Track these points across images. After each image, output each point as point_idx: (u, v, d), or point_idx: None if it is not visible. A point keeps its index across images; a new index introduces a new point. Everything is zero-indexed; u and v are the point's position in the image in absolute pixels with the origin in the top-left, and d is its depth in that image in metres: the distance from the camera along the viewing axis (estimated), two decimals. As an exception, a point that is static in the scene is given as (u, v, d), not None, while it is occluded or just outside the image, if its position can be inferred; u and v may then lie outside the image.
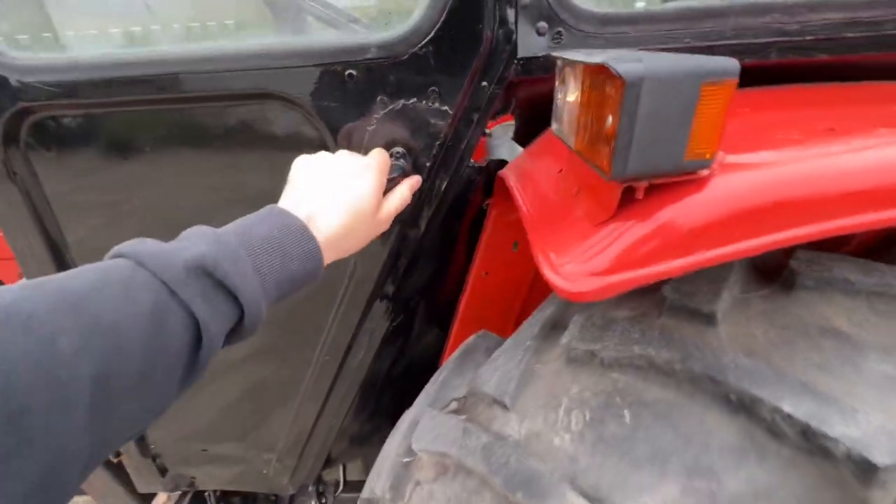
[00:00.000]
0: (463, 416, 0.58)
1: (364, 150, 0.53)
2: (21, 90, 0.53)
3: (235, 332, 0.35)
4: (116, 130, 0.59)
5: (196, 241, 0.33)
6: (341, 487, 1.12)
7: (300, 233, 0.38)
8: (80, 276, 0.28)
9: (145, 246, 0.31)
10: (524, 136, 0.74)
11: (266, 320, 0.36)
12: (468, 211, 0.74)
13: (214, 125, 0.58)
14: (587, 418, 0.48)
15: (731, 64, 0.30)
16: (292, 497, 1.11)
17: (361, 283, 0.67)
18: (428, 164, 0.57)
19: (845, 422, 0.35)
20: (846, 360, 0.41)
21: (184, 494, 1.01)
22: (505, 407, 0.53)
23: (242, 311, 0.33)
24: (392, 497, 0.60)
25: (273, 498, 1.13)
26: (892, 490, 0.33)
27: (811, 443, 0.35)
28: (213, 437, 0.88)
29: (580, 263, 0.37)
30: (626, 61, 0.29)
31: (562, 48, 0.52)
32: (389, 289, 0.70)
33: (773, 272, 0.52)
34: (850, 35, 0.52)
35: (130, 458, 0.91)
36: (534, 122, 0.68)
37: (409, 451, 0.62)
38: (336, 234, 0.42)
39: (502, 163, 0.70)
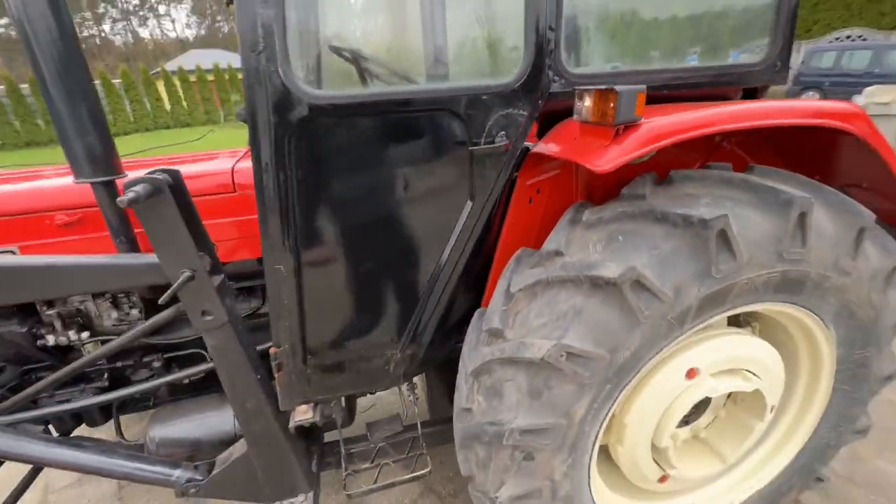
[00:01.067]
0: (539, 267, 1.11)
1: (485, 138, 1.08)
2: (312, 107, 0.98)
3: None
4: (375, 133, 1.06)
5: None
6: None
7: None
8: None
9: None
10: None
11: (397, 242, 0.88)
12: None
13: (419, 126, 1.07)
14: (602, 246, 1.05)
15: (642, 88, 0.91)
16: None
17: (468, 225, 1.19)
18: (514, 143, 1.13)
19: (699, 213, 0.96)
20: (696, 200, 1.03)
21: (316, 405, 1.38)
22: (561, 254, 1.08)
23: None
24: (502, 325, 1.10)
25: None
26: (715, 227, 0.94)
27: (691, 224, 0.96)
28: (350, 343, 1.29)
29: (601, 158, 0.94)
30: (623, 87, 0.89)
31: (562, 87, 1.12)
32: (477, 223, 1.21)
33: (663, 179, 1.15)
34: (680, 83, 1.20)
35: (285, 374, 1.27)
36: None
37: (508, 296, 1.14)
38: None
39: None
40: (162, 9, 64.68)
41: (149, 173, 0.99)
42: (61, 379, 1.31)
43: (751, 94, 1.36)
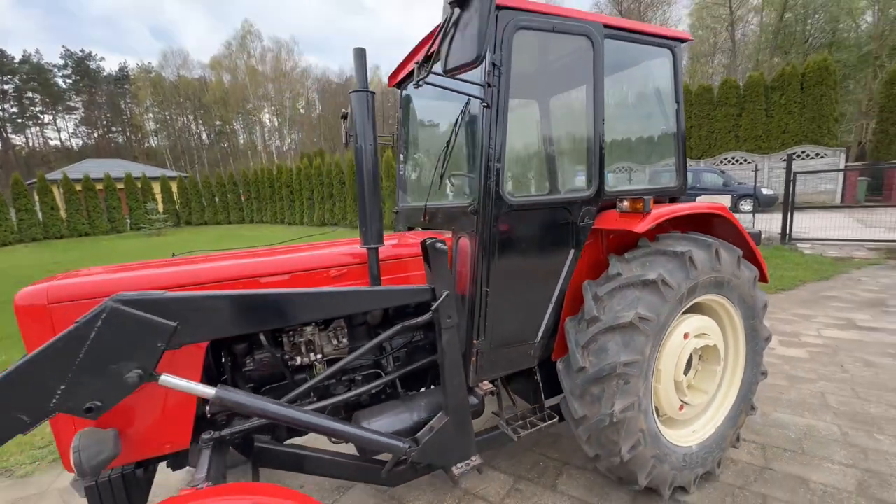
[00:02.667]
0: (611, 282, 2.16)
1: (580, 220, 2.19)
2: (509, 204, 1.98)
3: None
4: (534, 217, 2.09)
5: None
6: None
7: None
8: None
9: None
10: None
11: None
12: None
13: (552, 213, 2.13)
14: (640, 268, 2.15)
15: (650, 197, 2.13)
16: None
17: (570, 265, 2.23)
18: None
19: (679, 249, 2.14)
20: (674, 244, 2.23)
21: (493, 381, 2.14)
22: (620, 274, 2.15)
23: None
24: (598, 313, 2.10)
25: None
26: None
27: (677, 255, 2.13)
28: (514, 338, 2.15)
29: (639, 226, 2.08)
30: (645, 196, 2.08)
31: (605, 198, 2.32)
32: (572, 263, 2.26)
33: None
34: None
35: (479, 358, 2.07)
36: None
37: (597, 299, 2.14)
38: None
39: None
40: (47, 118, 61.37)
41: (429, 240, 1.88)
42: (315, 385, 1.91)
43: (672, 200, 2.72)
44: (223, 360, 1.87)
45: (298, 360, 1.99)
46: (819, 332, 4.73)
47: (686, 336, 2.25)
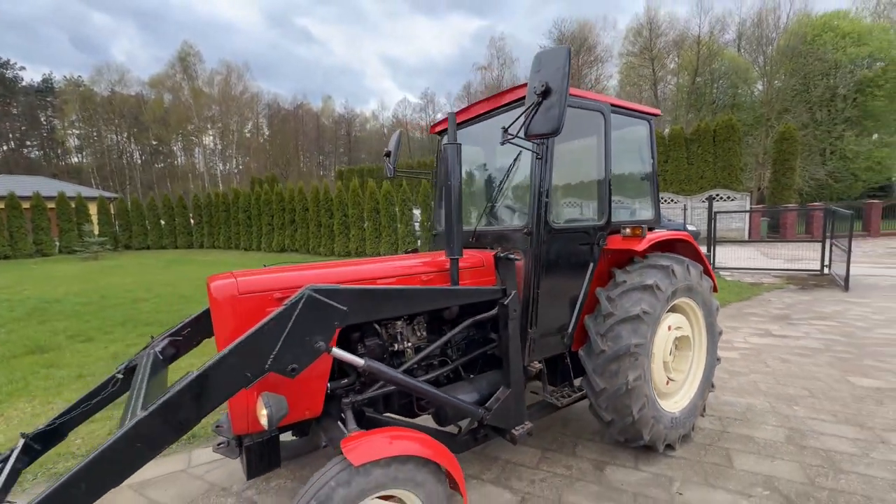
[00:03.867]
0: (618, 287, 2.92)
1: (597, 241, 2.97)
2: (552, 229, 2.72)
3: None
4: (567, 237, 2.84)
5: None
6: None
7: None
8: None
9: None
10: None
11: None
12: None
13: (579, 235, 2.90)
14: (639, 277, 2.94)
15: (646, 227, 2.97)
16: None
17: (591, 273, 2.99)
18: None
19: (664, 264, 2.98)
20: (660, 259, 3.08)
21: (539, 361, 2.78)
22: (625, 282, 2.93)
23: None
24: (612, 310, 2.85)
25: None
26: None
27: (663, 267, 2.97)
28: (554, 327, 2.83)
29: (639, 246, 2.90)
30: (643, 226, 2.91)
31: (612, 226, 3.13)
32: (593, 272, 3.02)
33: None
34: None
35: (532, 342, 2.71)
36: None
37: (609, 300, 2.89)
38: None
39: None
40: (-53, 128, 54.68)
41: (501, 254, 2.54)
42: (412, 365, 2.45)
43: (650, 229, 3.60)
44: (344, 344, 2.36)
45: (395, 346, 2.51)
46: (745, 339, 5.89)
47: (669, 328, 3.06)
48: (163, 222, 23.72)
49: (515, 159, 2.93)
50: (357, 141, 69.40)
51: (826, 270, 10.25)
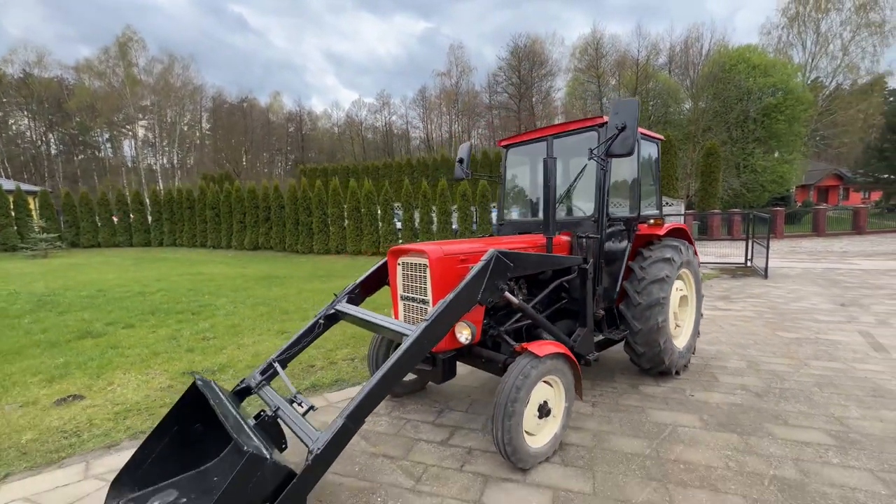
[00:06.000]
0: (647, 259, 4.21)
1: (631, 227, 4.25)
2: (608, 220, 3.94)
3: None
4: (615, 228, 4.07)
5: None
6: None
7: None
8: None
9: None
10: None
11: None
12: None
13: (623, 225, 4.16)
14: (660, 253, 4.26)
15: (664, 218, 4.27)
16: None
17: (629, 251, 4.26)
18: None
19: (676, 245, 4.33)
20: (670, 241, 4.43)
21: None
22: (651, 256, 4.23)
23: None
24: (643, 276, 4.13)
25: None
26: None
27: (674, 248, 4.31)
28: (609, 286, 4.05)
29: (661, 231, 4.22)
30: (664, 217, 4.22)
31: (639, 218, 4.43)
32: (629, 251, 4.29)
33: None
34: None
35: (598, 296, 3.90)
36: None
37: (643, 268, 4.16)
38: None
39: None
40: None
41: (582, 234, 3.71)
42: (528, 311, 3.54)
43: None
44: None
45: (514, 299, 3.60)
46: (702, 312, 7.58)
47: (677, 289, 4.41)
48: (115, 219, 22.37)
49: (582, 169, 4.13)
50: (307, 139, 68.00)
51: (749, 263, 12.60)
